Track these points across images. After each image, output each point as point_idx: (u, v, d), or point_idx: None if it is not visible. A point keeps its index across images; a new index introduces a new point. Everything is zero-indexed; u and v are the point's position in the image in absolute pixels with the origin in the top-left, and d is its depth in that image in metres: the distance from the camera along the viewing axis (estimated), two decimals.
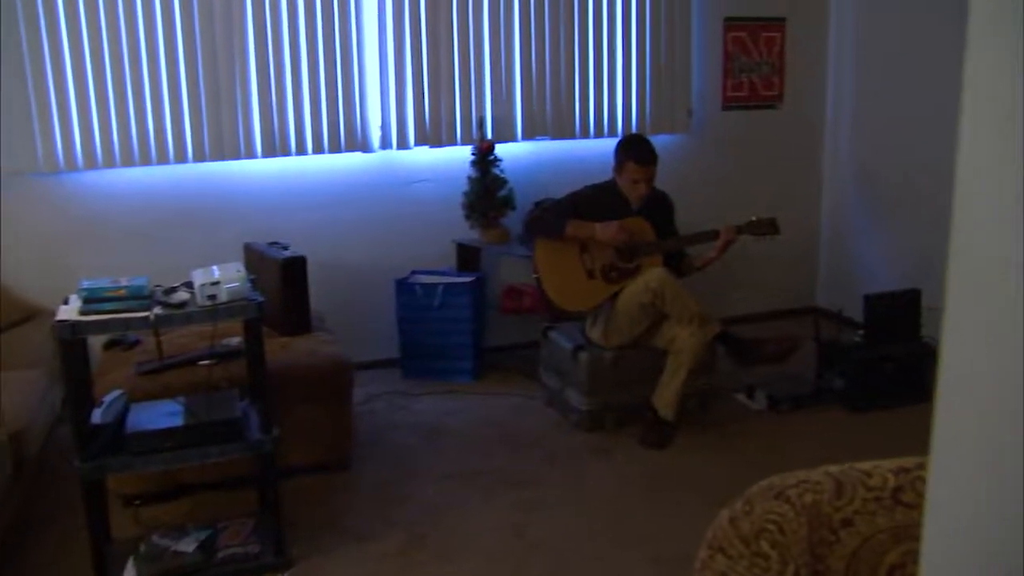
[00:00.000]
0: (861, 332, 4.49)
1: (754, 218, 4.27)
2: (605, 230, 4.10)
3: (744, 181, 5.66)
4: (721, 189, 5.56)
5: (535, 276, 4.27)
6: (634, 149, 4.20)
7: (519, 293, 5.04)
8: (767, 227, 4.26)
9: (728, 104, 5.64)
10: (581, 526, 3.36)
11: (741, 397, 4.52)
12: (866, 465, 1.12)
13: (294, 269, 3.99)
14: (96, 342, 3.82)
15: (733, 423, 4.30)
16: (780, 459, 3.87)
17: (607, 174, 4.29)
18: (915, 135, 5.02)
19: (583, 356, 4.17)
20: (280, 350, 3.76)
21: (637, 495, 3.61)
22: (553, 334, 4.47)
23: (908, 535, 1.00)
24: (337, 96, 4.73)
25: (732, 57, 5.59)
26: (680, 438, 4.08)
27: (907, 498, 1.04)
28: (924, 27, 4.86)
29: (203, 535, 3.04)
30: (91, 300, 2.70)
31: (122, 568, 2.92)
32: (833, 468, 1.13)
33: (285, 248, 4.15)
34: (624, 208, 4.23)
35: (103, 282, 2.76)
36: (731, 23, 5.54)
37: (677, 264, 4.33)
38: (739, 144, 5.70)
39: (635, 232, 4.17)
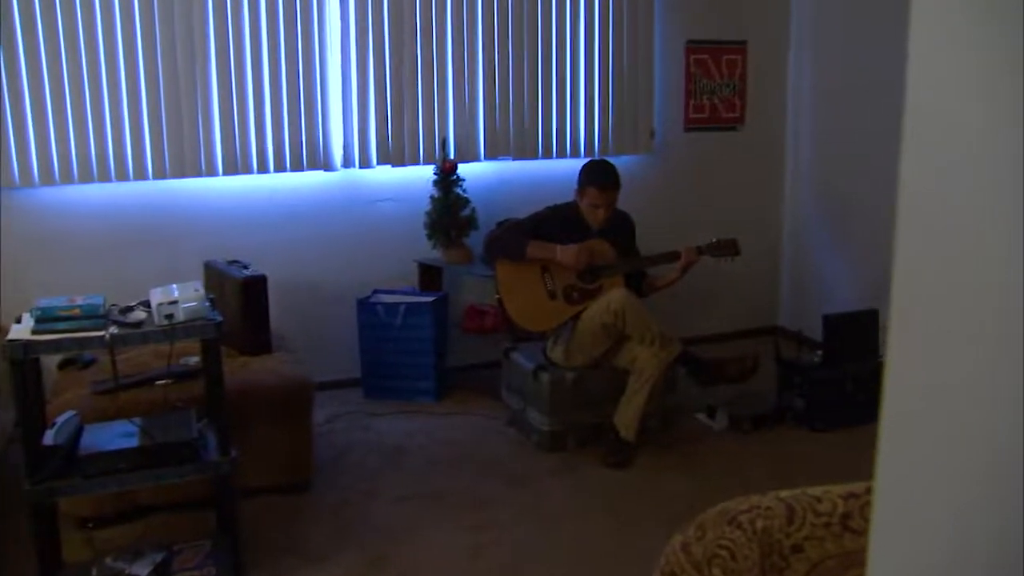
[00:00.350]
0: (820, 352, 4.54)
1: (715, 239, 4.30)
2: (565, 253, 4.11)
3: (706, 202, 5.71)
4: (683, 210, 5.60)
5: (497, 297, 4.27)
6: (596, 174, 4.21)
7: (481, 313, 5.04)
8: (728, 248, 4.29)
9: (690, 126, 5.69)
10: (542, 547, 3.35)
11: (702, 417, 4.54)
12: (817, 490, 1.13)
13: (254, 288, 3.98)
14: (51, 362, 3.77)
15: (694, 443, 4.31)
16: (741, 479, 3.88)
17: (569, 195, 4.31)
18: (874, 157, 5.09)
19: (544, 376, 4.17)
20: (240, 369, 3.73)
21: (598, 515, 3.61)
22: (514, 354, 4.47)
23: (856, 561, 1.00)
24: (299, 114, 4.72)
25: (694, 79, 5.65)
26: (641, 458, 4.09)
27: (855, 524, 1.05)
28: (881, 50, 4.93)
29: (158, 558, 2.99)
30: (44, 319, 2.66)
31: None
32: (784, 493, 1.14)
33: (246, 267, 4.14)
34: (585, 229, 4.24)
35: (58, 301, 2.72)
36: (693, 46, 5.60)
37: (638, 284, 4.35)
38: (701, 165, 5.75)
39: (596, 253, 4.19)
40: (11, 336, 2.64)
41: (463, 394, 4.96)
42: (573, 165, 4.37)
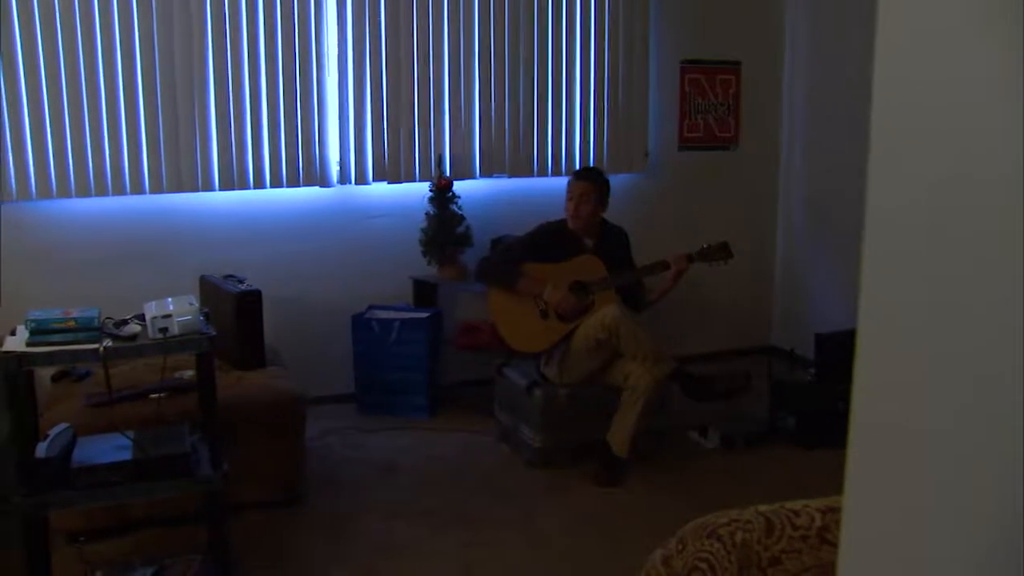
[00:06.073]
0: (813, 371, 4.55)
1: (705, 245, 4.30)
2: (553, 295, 4.14)
3: (700, 221, 5.72)
4: (677, 229, 5.61)
5: (491, 320, 4.30)
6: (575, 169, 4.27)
7: (475, 329, 5.04)
8: (719, 252, 4.29)
9: (684, 145, 5.73)
10: (532, 564, 3.36)
11: (694, 435, 4.55)
12: (795, 504, 1.15)
13: (249, 303, 3.99)
14: (45, 374, 3.77)
15: (686, 461, 4.32)
16: (732, 498, 3.86)
17: (563, 212, 4.33)
18: (867, 175, 5.11)
19: (537, 393, 4.18)
20: (233, 384, 3.74)
21: (590, 533, 3.61)
22: (508, 371, 4.48)
23: (832, 573, 1.02)
24: (296, 130, 4.75)
25: (688, 99, 5.69)
26: (633, 476, 4.09)
27: (832, 537, 1.07)
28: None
29: (148, 573, 2.99)
30: (39, 331, 2.67)
31: None
32: (763, 507, 1.15)
33: (241, 282, 4.15)
34: (577, 246, 4.27)
35: (52, 313, 2.73)
36: (687, 65, 5.65)
37: (634, 298, 4.35)
38: (695, 184, 5.78)
39: (585, 273, 4.21)
40: (5, 348, 2.65)
41: (456, 411, 4.97)
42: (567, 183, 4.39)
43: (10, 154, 4.27)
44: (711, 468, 4.25)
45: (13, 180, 4.29)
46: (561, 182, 4.58)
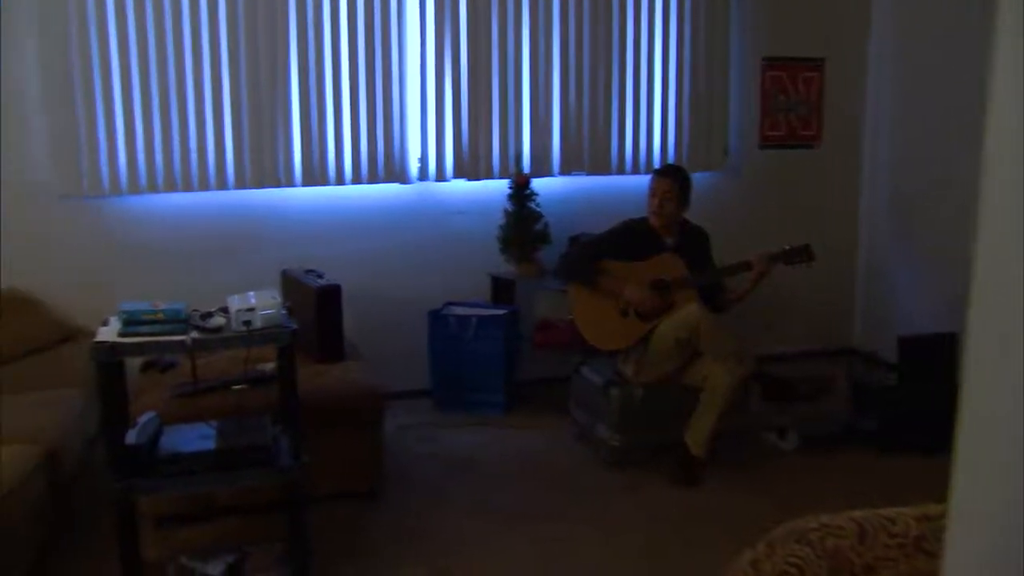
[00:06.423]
0: (895, 374, 4.44)
1: (788, 246, 4.23)
2: (633, 293, 4.11)
3: (781, 220, 5.62)
4: (758, 228, 5.52)
5: (570, 317, 4.29)
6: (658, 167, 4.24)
7: (552, 327, 5.04)
8: (802, 254, 4.21)
9: (765, 143, 5.64)
10: (608, 563, 3.34)
11: (773, 437, 4.48)
12: (890, 512, 1.12)
13: (329, 297, 4.05)
14: (133, 364, 3.88)
15: (764, 463, 4.26)
16: (811, 500, 3.80)
17: (642, 210, 4.30)
18: (955, 177, 4.96)
19: (614, 392, 4.16)
20: (313, 377, 3.79)
21: (665, 533, 3.58)
22: (585, 369, 4.46)
23: None
24: (377, 128, 4.80)
25: (770, 96, 5.60)
26: (711, 477, 4.04)
27: (929, 546, 1.04)
28: (964, 68, 4.83)
29: (231, 559, 3.06)
30: (130, 323, 2.74)
31: None
32: (857, 513, 1.13)
33: (321, 276, 4.22)
34: (658, 244, 4.23)
35: (142, 305, 2.80)
36: (769, 63, 5.56)
37: (714, 298, 4.30)
38: (776, 183, 5.68)
39: (666, 271, 4.17)
40: (98, 338, 2.73)
41: (532, 408, 4.97)
42: (646, 181, 4.36)
43: (103, 151, 4.40)
44: (790, 469, 4.18)
45: (105, 176, 4.42)
46: (639, 180, 4.56)
